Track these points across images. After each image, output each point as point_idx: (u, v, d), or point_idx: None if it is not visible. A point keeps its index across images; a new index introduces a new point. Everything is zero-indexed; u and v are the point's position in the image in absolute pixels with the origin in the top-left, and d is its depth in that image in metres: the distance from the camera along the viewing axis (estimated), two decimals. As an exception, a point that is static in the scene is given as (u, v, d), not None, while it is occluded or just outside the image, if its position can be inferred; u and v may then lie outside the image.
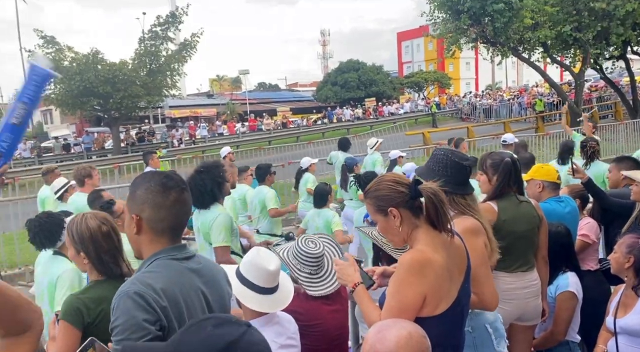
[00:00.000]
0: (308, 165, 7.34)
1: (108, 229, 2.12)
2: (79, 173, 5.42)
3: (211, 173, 3.49)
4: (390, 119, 32.21)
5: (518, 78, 56.96)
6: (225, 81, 58.22)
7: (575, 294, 2.87)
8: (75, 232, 2.12)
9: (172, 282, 1.55)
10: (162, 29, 24.20)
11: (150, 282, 1.51)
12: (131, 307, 1.46)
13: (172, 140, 27.29)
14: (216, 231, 3.44)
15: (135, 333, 1.44)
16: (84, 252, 2.10)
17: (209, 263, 1.78)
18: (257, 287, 2.02)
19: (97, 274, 2.11)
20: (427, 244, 1.82)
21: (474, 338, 2.23)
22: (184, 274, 1.61)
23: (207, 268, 1.71)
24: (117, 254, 2.13)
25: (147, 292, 1.48)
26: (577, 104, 20.45)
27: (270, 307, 2.05)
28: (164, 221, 1.60)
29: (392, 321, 1.51)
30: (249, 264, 2.05)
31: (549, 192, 3.35)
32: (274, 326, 2.05)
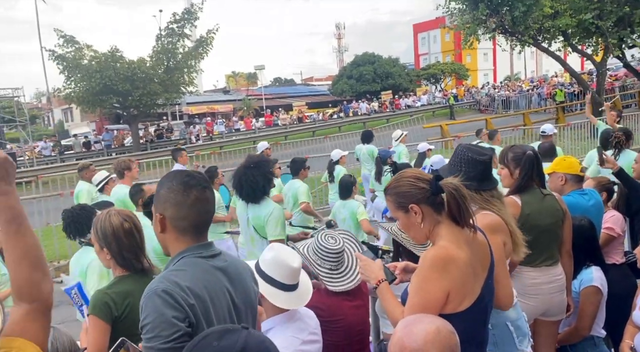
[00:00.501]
0: (339, 158, 7.41)
1: (130, 226, 2.16)
2: (119, 166, 5.65)
3: (261, 168, 3.62)
4: (407, 112, 31.92)
5: (537, 68, 55.96)
6: (241, 77, 58.41)
7: (600, 288, 2.82)
8: (99, 228, 2.18)
9: (199, 280, 1.56)
10: (179, 26, 24.36)
11: (177, 280, 1.53)
12: (160, 305, 1.48)
13: (190, 137, 27.53)
14: (272, 225, 3.61)
15: (165, 330, 1.45)
16: (107, 248, 2.16)
17: (235, 261, 1.78)
18: (281, 284, 2.03)
19: (120, 269, 2.17)
20: (450, 240, 1.80)
21: (494, 335, 2.21)
22: (210, 272, 1.62)
23: (233, 266, 1.72)
24: (139, 250, 2.18)
25: (175, 290, 1.50)
26: (599, 93, 19.99)
27: (294, 303, 2.06)
28: (185, 219, 1.61)
29: (420, 315, 1.51)
30: (273, 262, 2.06)
31: (571, 185, 3.29)
32: (296, 322, 2.05)
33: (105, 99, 23.72)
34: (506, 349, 2.25)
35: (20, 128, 25.49)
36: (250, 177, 3.55)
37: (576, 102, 25.20)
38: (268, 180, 3.64)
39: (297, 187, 5.78)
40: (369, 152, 8.63)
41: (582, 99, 24.17)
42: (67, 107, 42.17)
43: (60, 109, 45.98)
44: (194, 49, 24.92)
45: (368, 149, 8.77)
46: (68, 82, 23.55)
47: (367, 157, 8.71)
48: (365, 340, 2.53)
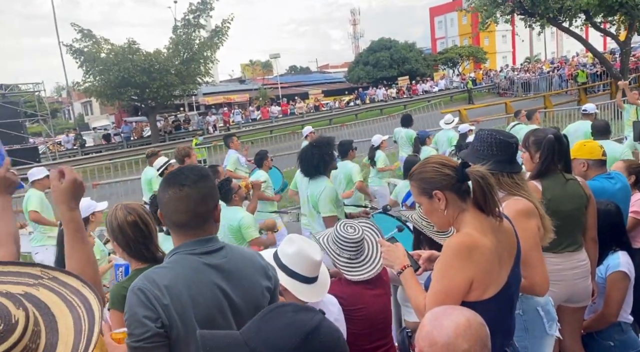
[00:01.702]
0: (379, 142, 7.51)
1: (134, 219, 2.18)
2: (179, 153, 6.02)
3: (322, 149, 3.92)
4: (424, 98, 31.56)
5: (558, 49, 54.62)
6: (257, 66, 58.37)
7: (627, 273, 2.77)
8: (107, 223, 2.24)
9: (181, 279, 1.54)
10: (194, 17, 24.40)
11: (155, 279, 1.52)
12: (134, 303, 1.49)
13: (207, 127, 27.70)
14: (323, 203, 3.95)
15: (137, 329, 1.46)
16: (115, 241, 2.22)
17: (239, 257, 1.69)
18: (303, 278, 2.03)
19: (136, 262, 2.21)
20: (475, 227, 1.78)
21: (524, 321, 2.20)
22: (199, 270, 1.58)
23: (235, 262, 1.65)
24: (147, 241, 2.19)
25: (150, 289, 1.49)
26: (622, 73, 19.42)
27: (316, 295, 2.07)
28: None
29: (448, 307, 1.48)
30: (296, 255, 2.05)
31: (594, 170, 3.23)
32: None
33: (123, 92, 23.99)
34: (536, 334, 2.23)
35: (42, 122, 25.98)
36: (309, 154, 3.93)
37: (599, 82, 24.58)
38: (324, 160, 3.93)
39: (350, 168, 5.98)
40: (408, 136, 8.70)
41: (605, 79, 23.60)
42: (87, 100, 42.80)
43: (80, 102, 46.69)
44: (209, 39, 24.97)
45: (407, 132, 8.88)
46: (87, 76, 23.86)
47: (406, 141, 8.82)
48: (387, 328, 2.53)
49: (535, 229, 2.15)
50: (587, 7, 17.37)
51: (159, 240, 3.30)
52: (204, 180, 1.63)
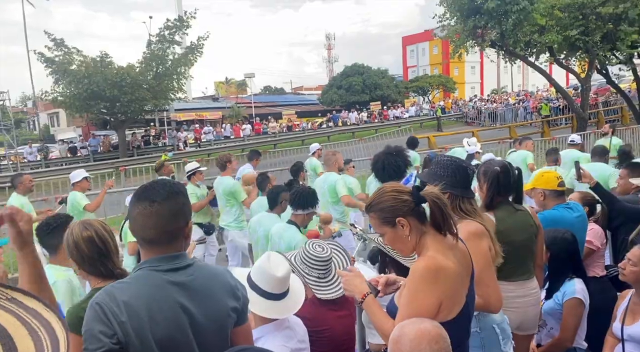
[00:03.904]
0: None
1: (90, 235, 2.12)
2: (221, 159, 6.33)
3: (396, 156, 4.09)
4: (395, 123, 32.13)
5: (523, 82, 56.81)
6: (231, 84, 58.41)
7: (583, 300, 2.87)
8: (64, 240, 2.19)
9: (140, 295, 1.51)
10: (170, 33, 24.35)
11: (115, 294, 1.50)
12: (90, 318, 1.47)
13: (178, 143, 27.40)
14: None
15: (92, 344, 1.45)
16: (70, 256, 2.17)
17: (207, 275, 1.66)
18: (266, 293, 2.03)
19: (94, 279, 2.14)
20: (437, 249, 1.83)
21: (482, 339, 2.25)
22: (161, 287, 1.54)
23: (201, 281, 1.62)
24: (105, 259, 2.12)
25: (108, 304, 1.47)
26: (583, 108, 20.37)
27: (279, 312, 2.06)
28: (136, 232, 1.60)
29: (414, 319, 1.55)
30: (258, 270, 2.07)
31: (552, 199, 3.34)
32: (285, 330, 2.06)
33: (93, 104, 23.53)
34: (493, 351, 2.28)
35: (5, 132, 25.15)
36: (384, 162, 4.05)
37: (561, 116, 25.64)
38: (399, 166, 4.09)
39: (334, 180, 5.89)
40: (414, 158, 8.72)
41: (566, 113, 24.65)
42: (54, 111, 41.74)
43: (46, 113, 45.44)
44: (183, 56, 24.90)
45: (413, 155, 8.87)
46: (57, 86, 23.36)
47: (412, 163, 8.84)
48: (350, 350, 2.54)
49: (487, 249, 2.22)
50: (552, 44, 18.24)
51: None
52: (175, 196, 1.60)
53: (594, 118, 22.96)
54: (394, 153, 4.05)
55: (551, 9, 17.53)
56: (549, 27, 17.63)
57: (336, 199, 5.81)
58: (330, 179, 5.86)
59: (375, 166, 4.15)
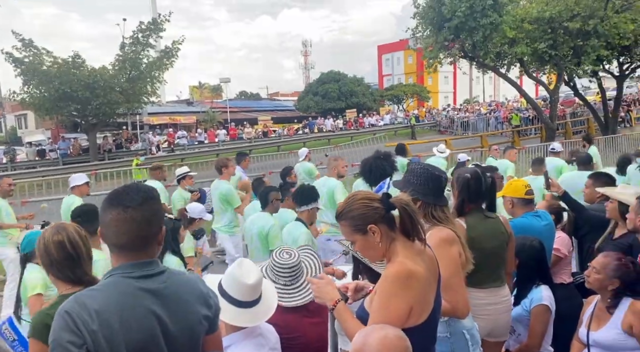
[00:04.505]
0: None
1: (61, 239, 2.08)
2: (218, 163, 6.45)
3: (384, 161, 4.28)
4: (370, 130, 32.45)
5: (495, 93, 58.13)
6: (206, 89, 57.91)
7: (549, 307, 2.94)
8: (36, 244, 2.15)
9: (112, 303, 1.48)
10: (144, 36, 24.02)
11: (86, 302, 1.46)
12: (59, 327, 1.43)
13: (151, 147, 26.98)
14: None
15: None
16: (40, 260, 2.13)
17: (179, 283, 1.64)
18: (236, 301, 2.01)
19: (63, 285, 2.09)
20: (406, 256, 1.86)
21: (451, 344, 2.27)
22: (133, 294, 1.52)
23: (173, 288, 1.60)
24: (74, 264, 2.08)
25: (78, 313, 1.44)
26: (551, 119, 21.00)
27: (250, 320, 2.04)
28: (107, 237, 1.56)
29: (376, 326, 1.57)
30: (229, 277, 2.05)
31: (520, 207, 3.41)
32: (256, 338, 2.04)
33: (63, 106, 22.97)
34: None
35: (-31, 133, 24.36)
36: (373, 165, 4.25)
37: (531, 126, 26.34)
38: (385, 170, 4.30)
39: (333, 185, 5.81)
40: (401, 165, 8.84)
41: (536, 123, 25.33)
42: (22, 113, 40.50)
43: (14, 115, 44.07)
44: (158, 60, 24.58)
45: (401, 161, 9.02)
46: (25, 87, 22.72)
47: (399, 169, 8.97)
48: (323, 357, 2.54)
49: (457, 255, 2.26)
50: (522, 56, 18.76)
51: None
52: (149, 202, 1.58)
53: (562, 129, 23.69)
54: (381, 157, 4.23)
55: (521, 22, 18.07)
56: (519, 39, 18.15)
57: (333, 204, 5.82)
58: (329, 183, 5.86)
59: (363, 169, 4.30)
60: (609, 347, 2.56)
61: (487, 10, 16.98)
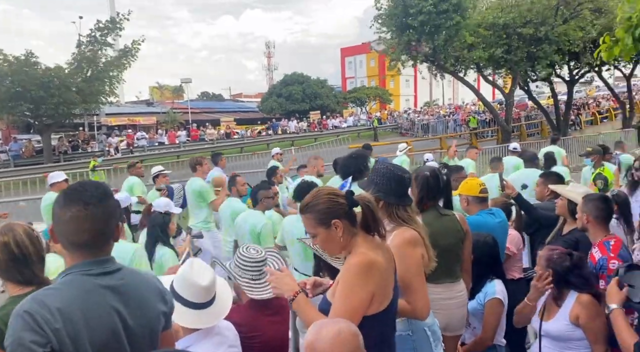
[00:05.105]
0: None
1: (7, 240, 2.01)
2: (192, 161, 6.55)
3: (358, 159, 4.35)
4: (334, 132, 32.66)
5: (454, 96, 59.63)
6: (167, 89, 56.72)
7: (502, 300, 3.05)
8: None
9: (74, 301, 1.46)
10: (101, 34, 23.33)
11: (45, 301, 1.44)
12: (19, 328, 1.39)
13: (109, 149, 26.21)
14: None
15: None
16: None
17: (138, 279, 1.64)
18: (191, 303, 1.99)
19: (12, 286, 2.02)
20: (367, 247, 1.94)
21: (413, 341, 2.31)
22: (94, 291, 1.51)
23: (132, 285, 1.60)
24: (21, 265, 2.02)
25: (39, 312, 1.41)
26: (507, 122, 21.75)
27: (206, 322, 2.03)
28: (63, 235, 1.54)
29: (329, 320, 1.61)
30: (182, 280, 2.02)
31: (475, 205, 3.54)
32: (214, 337, 2.04)
33: (14, 106, 22.00)
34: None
35: None
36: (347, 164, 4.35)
37: (487, 129, 27.18)
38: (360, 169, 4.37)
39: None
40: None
41: (492, 126, 26.18)
42: (-31, 112, 38.47)
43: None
44: (116, 59, 23.93)
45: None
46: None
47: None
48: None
49: (420, 257, 2.31)
50: (479, 60, 19.37)
51: None
52: (108, 198, 1.58)
53: (517, 131, 24.57)
54: (353, 156, 4.43)
55: (477, 28, 18.66)
56: (476, 44, 18.74)
57: None
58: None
59: (339, 167, 4.46)
60: (558, 338, 2.67)
61: (451, 13, 17.40)
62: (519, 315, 2.87)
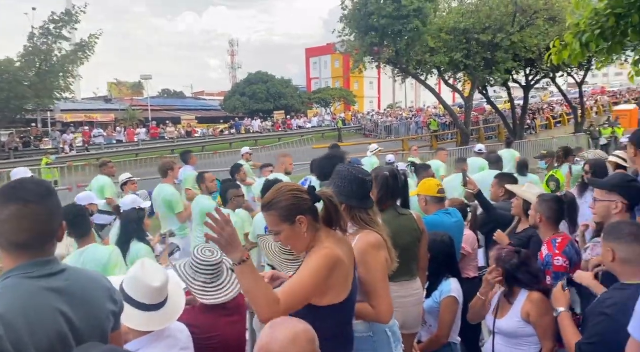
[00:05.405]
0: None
1: None
2: (163, 166, 6.24)
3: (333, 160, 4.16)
4: (298, 132, 32.65)
5: (416, 99, 60.77)
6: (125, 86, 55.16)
7: (457, 298, 3.11)
8: None
9: (16, 305, 1.40)
10: (56, 27, 22.44)
11: None
12: None
13: (63, 147, 25.26)
14: None
15: None
16: None
17: (83, 280, 1.58)
18: (142, 305, 1.94)
19: None
20: (332, 242, 1.97)
21: (374, 342, 2.31)
22: (38, 294, 1.44)
23: (78, 286, 1.54)
24: None
25: None
26: (466, 125, 22.34)
27: (158, 324, 1.98)
28: (2, 235, 1.45)
29: (285, 320, 1.57)
30: (133, 281, 1.96)
31: (433, 205, 3.61)
32: (166, 340, 1.98)
33: (-40, 100, 20.92)
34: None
35: None
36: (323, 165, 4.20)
37: (448, 131, 27.85)
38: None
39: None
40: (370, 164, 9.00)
41: (453, 129, 26.84)
42: None
43: None
44: (72, 53, 23.08)
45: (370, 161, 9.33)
46: None
47: None
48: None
49: (384, 260, 2.30)
50: (440, 65, 19.81)
51: None
52: (50, 196, 1.50)
53: (475, 134, 25.28)
54: (330, 156, 4.45)
55: (439, 32, 19.07)
56: (438, 48, 19.15)
57: None
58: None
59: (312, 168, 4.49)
60: (511, 334, 2.74)
61: (412, 18, 17.68)
62: (472, 311, 2.93)
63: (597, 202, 2.83)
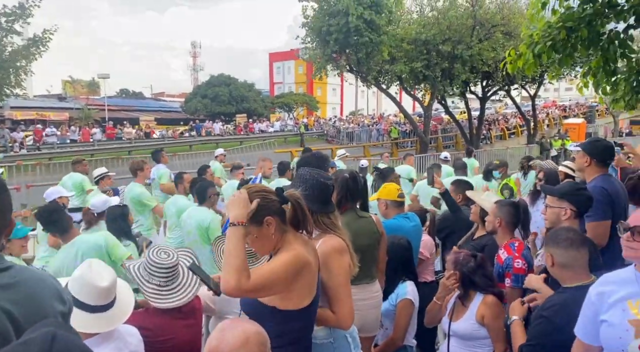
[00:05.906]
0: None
1: None
2: (133, 166, 6.21)
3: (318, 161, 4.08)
4: (260, 136, 32.46)
5: (377, 106, 61.65)
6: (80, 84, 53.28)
7: (413, 301, 3.15)
8: None
9: None
10: (7, 21, 21.42)
11: None
12: None
13: (12, 145, 24.09)
14: None
15: None
16: None
17: (30, 279, 1.52)
18: (87, 306, 1.88)
19: None
20: (300, 244, 1.96)
21: (335, 348, 2.29)
22: None
23: (25, 284, 1.48)
24: None
25: None
26: (425, 133, 22.84)
27: (104, 326, 1.91)
28: None
29: (235, 322, 1.55)
30: (78, 281, 1.90)
31: (393, 209, 3.67)
32: (114, 342, 1.91)
33: None
34: (345, 359, 2.38)
35: None
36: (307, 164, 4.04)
37: (408, 139, 28.40)
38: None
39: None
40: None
41: (412, 137, 27.39)
42: None
43: None
44: (24, 48, 22.07)
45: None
46: None
47: None
48: (196, 359, 2.46)
49: (347, 265, 2.29)
50: (400, 74, 20.19)
51: None
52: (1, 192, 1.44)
53: (434, 143, 25.89)
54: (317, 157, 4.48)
55: (400, 42, 19.45)
56: (399, 58, 19.52)
57: None
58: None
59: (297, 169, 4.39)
60: (465, 337, 2.80)
61: (362, 31, 17.94)
62: (428, 315, 2.98)
63: (548, 209, 2.95)
